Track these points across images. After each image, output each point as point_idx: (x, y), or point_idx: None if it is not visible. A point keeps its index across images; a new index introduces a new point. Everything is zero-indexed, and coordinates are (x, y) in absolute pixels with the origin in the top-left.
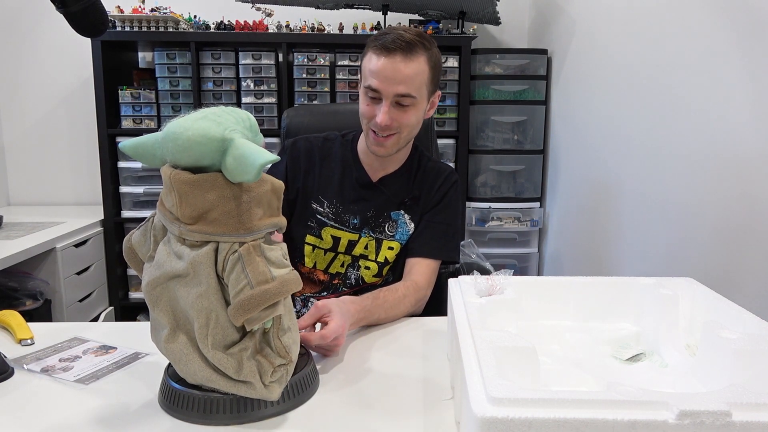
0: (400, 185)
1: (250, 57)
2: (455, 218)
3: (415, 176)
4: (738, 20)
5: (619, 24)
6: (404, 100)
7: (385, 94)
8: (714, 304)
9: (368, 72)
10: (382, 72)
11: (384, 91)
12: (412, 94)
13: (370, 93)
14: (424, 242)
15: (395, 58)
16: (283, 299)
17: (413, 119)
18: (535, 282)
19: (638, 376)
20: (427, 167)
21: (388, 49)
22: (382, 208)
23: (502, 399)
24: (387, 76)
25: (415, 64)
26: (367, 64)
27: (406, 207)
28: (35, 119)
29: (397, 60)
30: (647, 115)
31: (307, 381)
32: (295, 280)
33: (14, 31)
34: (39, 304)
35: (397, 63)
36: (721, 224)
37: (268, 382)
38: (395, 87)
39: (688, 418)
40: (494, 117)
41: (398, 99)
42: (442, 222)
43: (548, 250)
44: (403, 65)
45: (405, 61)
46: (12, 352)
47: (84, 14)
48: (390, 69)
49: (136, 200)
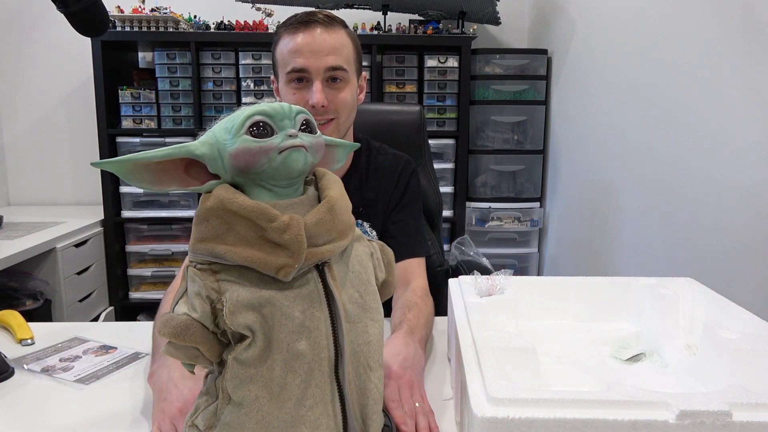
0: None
1: (250, 57)
2: (420, 210)
3: (367, 177)
4: (738, 20)
5: (619, 24)
6: (336, 74)
7: (315, 70)
8: (714, 304)
9: (288, 55)
10: (307, 47)
11: (313, 67)
12: (343, 66)
13: (296, 76)
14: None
15: (315, 30)
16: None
17: (349, 98)
18: (535, 282)
19: (638, 376)
20: (379, 163)
21: (306, 23)
22: None
23: (502, 399)
24: (313, 50)
25: (337, 35)
26: (283, 49)
27: (362, 215)
28: (35, 119)
29: (318, 32)
30: (647, 115)
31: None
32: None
33: (14, 31)
34: (39, 304)
35: (319, 35)
36: (721, 224)
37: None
38: (324, 59)
39: (688, 418)
40: (494, 117)
41: (330, 74)
42: (411, 218)
43: (548, 250)
44: (327, 35)
45: (327, 32)
46: (12, 352)
47: (85, 14)
48: (314, 42)
49: (136, 200)
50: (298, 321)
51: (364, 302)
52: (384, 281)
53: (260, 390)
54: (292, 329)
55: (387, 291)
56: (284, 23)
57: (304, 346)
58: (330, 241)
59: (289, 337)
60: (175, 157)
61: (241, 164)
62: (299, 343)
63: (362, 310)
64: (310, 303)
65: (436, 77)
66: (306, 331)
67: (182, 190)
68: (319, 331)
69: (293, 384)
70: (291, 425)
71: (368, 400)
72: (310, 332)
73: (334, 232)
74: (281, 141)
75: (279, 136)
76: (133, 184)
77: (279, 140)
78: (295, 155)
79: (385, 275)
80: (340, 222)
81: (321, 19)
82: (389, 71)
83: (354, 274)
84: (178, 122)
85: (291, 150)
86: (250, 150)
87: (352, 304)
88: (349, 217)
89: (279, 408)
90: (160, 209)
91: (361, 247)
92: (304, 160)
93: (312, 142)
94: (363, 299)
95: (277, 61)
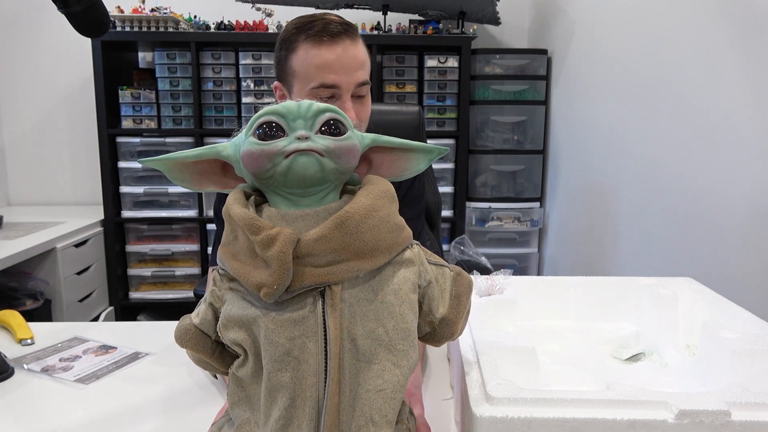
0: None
1: (250, 57)
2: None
3: None
4: (738, 20)
5: (619, 24)
6: (362, 89)
7: (346, 86)
8: (714, 304)
9: (313, 69)
10: (339, 62)
11: (344, 84)
12: (368, 79)
13: (324, 92)
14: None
15: (344, 42)
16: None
17: (369, 109)
18: (534, 282)
19: (638, 376)
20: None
21: (333, 35)
22: None
23: (502, 399)
24: (345, 65)
25: (362, 48)
26: (305, 61)
27: None
28: (35, 119)
29: (348, 45)
30: (647, 115)
31: None
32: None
33: (14, 31)
34: (39, 304)
35: (350, 49)
36: (720, 224)
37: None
38: (355, 75)
39: (687, 418)
40: (494, 117)
41: (357, 90)
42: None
43: (548, 250)
44: (355, 49)
45: (355, 45)
46: (12, 352)
47: (85, 14)
48: (346, 57)
49: (136, 200)
50: (283, 348)
51: (389, 340)
52: (444, 318)
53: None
54: (275, 357)
55: (445, 331)
56: (301, 29)
57: (288, 378)
58: (337, 262)
59: (271, 365)
60: (205, 158)
61: (248, 168)
62: (282, 373)
63: (384, 350)
64: (303, 331)
65: (436, 77)
66: (293, 361)
67: (220, 190)
68: (308, 364)
69: (273, 416)
70: None
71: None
72: (299, 364)
73: (345, 253)
74: (287, 144)
75: (286, 139)
76: (176, 183)
77: (285, 143)
78: (302, 160)
79: (445, 311)
80: (357, 240)
81: (347, 31)
82: (389, 71)
83: (383, 305)
84: (178, 122)
85: (297, 154)
86: (253, 153)
87: (369, 340)
88: (377, 237)
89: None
90: (160, 209)
91: (405, 273)
92: (318, 167)
93: (330, 146)
94: (389, 336)
95: (295, 72)
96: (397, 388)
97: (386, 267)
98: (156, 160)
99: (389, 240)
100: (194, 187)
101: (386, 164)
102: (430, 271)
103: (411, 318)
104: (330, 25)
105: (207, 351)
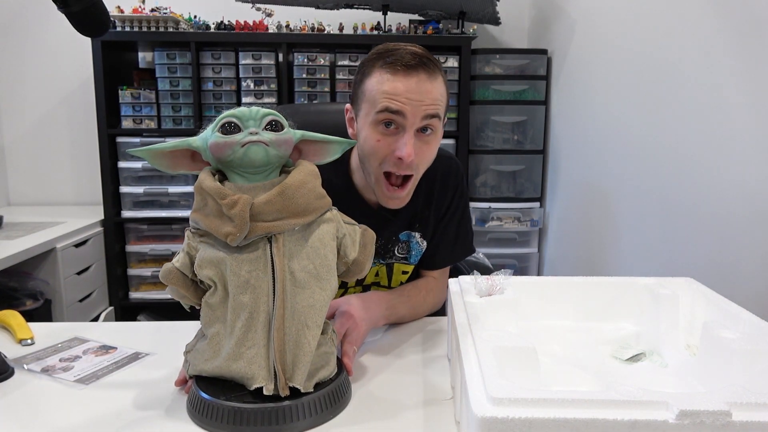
0: (406, 206)
1: (250, 57)
2: (467, 213)
3: (421, 189)
4: (738, 20)
5: (619, 24)
6: (430, 123)
7: (411, 116)
8: (714, 304)
9: (382, 95)
10: (407, 92)
11: (409, 113)
12: (440, 114)
13: (387, 117)
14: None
15: (420, 75)
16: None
17: (434, 152)
18: (535, 282)
19: (638, 376)
20: (430, 174)
21: (408, 66)
22: (390, 234)
23: (502, 399)
24: (412, 97)
25: (439, 83)
26: (376, 86)
27: (415, 227)
28: (35, 119)
29: (422, 77)
30: (647, 115)
31: (340, 392)
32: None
33: (14, 31)
34: (39, 304)
35: (423, 81)
36: (721, 224)
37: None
38: (423, 109)
39: (687, 418)
40: (494, 117)
41: (424, 123)
42: (456, 225)
43: (548, 250)
44: (430, 84)
45: (430, 80)
46: (12, 352)
47: (85, 14)
48: (416, 89)
49: (136, 200)
50: (243, 278)
51: (317, 272)
52: (355, 260)
53: (220, 327)
54: (238, 284)
55: (357, 269)
56: (380, 56)
57: (247, 299)
58: (279, 219)
59: (236, 290)
60: (180, 148)
61: (215, 154)
62: (243, 295)
63: (313, 279)
64: (256, 266)
65: None
66: (250, 287)
67: (189, 172)
68: (261, 289)
69: (236, 327)
70: (233, 358)
71: (300, 352)
72: (255, 289)
73: (285, 212)
74: (243, 137)
75: (242, 134)
76: (156, 167)
77: (241, 137)
78: (254, 149)
79: (355, 255)
80: (293, 204)
81: (425, 62)
82: None
83: (311, 249)
84: (178, 122)
85: (250, 144)
86: (218, 144)
87: (303, 272)
88: (307, 201)
89: (228, 343)
90: (160, 209)
91: (327, 227)
92: (264, 153)
93: (273, 138)
94: (317, 270)
95: (365, 95)
96: (322, 305)
97: (314, 223)
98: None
99: (315, 204)
100: (170, 170)
101: (312, 152)
102: (344, 227)
103: (331, 258)
104: (413, 55)
105: (185, 286)
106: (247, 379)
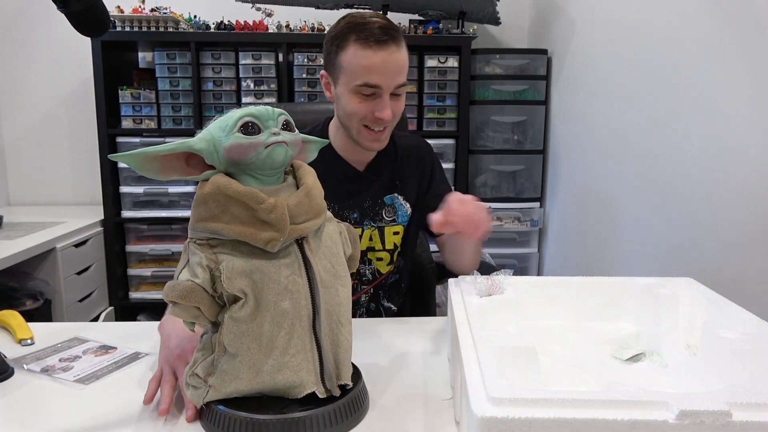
0: (386, 169)
1: (250, 57)
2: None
3: (395, 158)
4: (738, 20)
5: (619, 24)
6: (400, 89)
7: (387, 88)
8: (714, 304)
9: (360, 69)
10: (383, 66)
11: (386, 86)
12: (406, 81)
13: (366, 90)
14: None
15: (390, 48)
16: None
17: (403, 105)
18: (535, 282)
19: (638, 376)
20: (402, 146)
21: (379, 42)
22: (375, 196)
23: (502, 399)
24: (388, 69)
25: (404, 50)
26: (354, 60)
27: (398, 189)
28: (35, 119)
29: (392, 50)
30: (647, 115)
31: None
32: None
33: (14, 32)
34: (39, 304)
35: (393, 54)
36: (721, 224)
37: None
38: (396, 78)
39: (688, 418)
40: (494, 117)
41: (396, 90)
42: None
43: (548, 250)
44: (398, 55)
45: (398, 50)
46: (12, 352)
47: (85, 14)
48: (389, 62)
49: (136, 200)
50: (282, 285)
51: (335, 271)
52: (350, 256)
53: (251, 342)
54: (278, 291)
55: (352, 264)
56: (352, 29)
57: (288, 305)
58: (307, 220)
59: (276, 297)
60: (178, 151)
61: (234, 156)
62: (283, 302)
63: (334, 278)
64: (292, 270)
65: (436, 77)
66: (289, 293)
67: (183, 178)
68: (299, 293)
69: (279, 336)
70: (277, 370)
71: (340, 349)
72: (293, 294)
73: (310, 213)
74: (267, 138)
75: (265, 134)
76: (143, 174)
77: (265, 137)
78: (278, 149)
79: (351, 251)
80: (316, 205)
81: (393, 36)
82: None
83: (326, 248)
84: (178, 122)
85: (275, 145)
86: (242, 145)
87: (325, 272)
88: (322, 201)
89: (267, 356)
90: (160, 209)
91: (331, 226)
92: (285, 153)
93: (291, 139)
94: (334, 268)
95: (343, 67)
96: (347, 300)
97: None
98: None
99: (323, 204)
100: (160, 177)
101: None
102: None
103: (342, 254)
104: (382, 30)
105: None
106: (294, 387)
